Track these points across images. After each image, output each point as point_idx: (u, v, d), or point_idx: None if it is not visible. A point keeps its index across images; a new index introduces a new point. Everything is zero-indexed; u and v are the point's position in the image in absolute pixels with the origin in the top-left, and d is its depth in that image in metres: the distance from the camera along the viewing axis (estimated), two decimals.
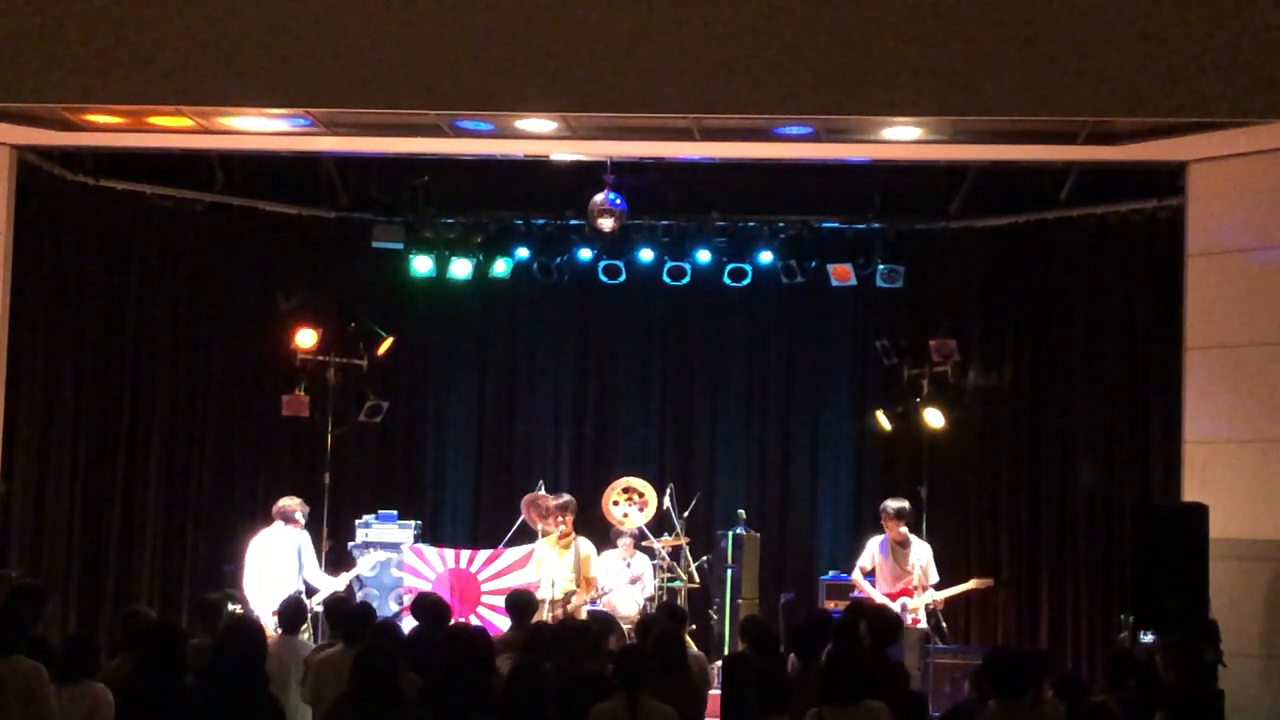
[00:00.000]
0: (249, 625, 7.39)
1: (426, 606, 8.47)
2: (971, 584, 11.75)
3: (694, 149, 11.03)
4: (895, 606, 11.26)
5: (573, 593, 11.18)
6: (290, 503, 11.06)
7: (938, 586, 11.54)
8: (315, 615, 10.83)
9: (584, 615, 10.86)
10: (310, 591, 10.85)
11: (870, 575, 11.63)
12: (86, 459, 12.32)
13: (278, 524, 10.94)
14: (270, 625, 9.45)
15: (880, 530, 11.69)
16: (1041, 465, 12.69)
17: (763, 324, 14.09)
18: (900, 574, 11.47)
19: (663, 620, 8.56)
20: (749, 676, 7.53)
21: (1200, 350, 10.65)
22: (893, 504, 11.61)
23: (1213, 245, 10.63)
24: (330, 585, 10.96)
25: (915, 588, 11.39)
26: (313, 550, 11.20)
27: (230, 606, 9.74)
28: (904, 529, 11.53)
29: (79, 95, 9.86)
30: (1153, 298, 11.79)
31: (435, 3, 9.53)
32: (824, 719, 6.51)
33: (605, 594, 11.48)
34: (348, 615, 8.11)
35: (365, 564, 11.68)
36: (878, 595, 11.42)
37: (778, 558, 13.51)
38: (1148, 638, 9.87)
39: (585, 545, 11.48)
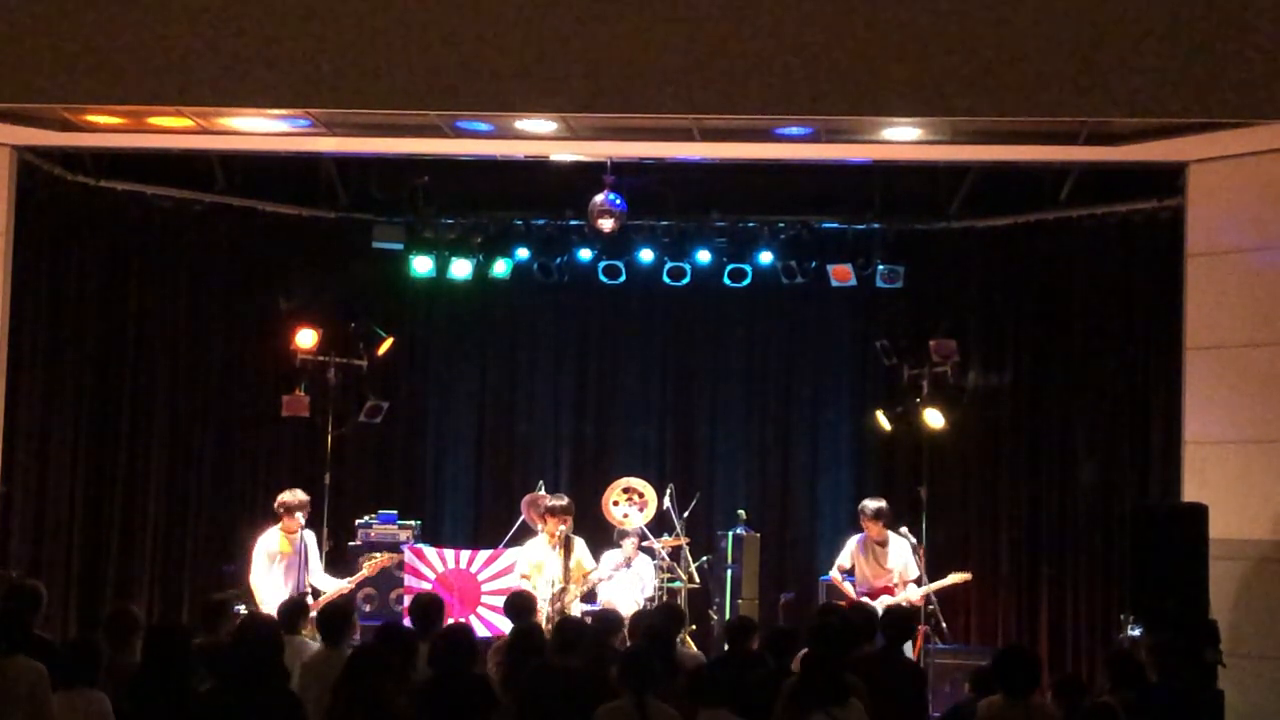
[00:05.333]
0: (263, 622, 7.37)
1: (420, 607, 8.46)
2: (951, 579, 11.75)
3: (694, 149, 11.02)
4: (876, 605, 11.28)
5: (564, 589, 11.17)
6: (294, 497, 10.99)
7: (919, 582, 11.55)
8: None
9: (576, 610, 10.87)
10: (316, 593, 10.83)
11: (849, 574, 11.67)
12: (86, 459, 12.32)
13: (285, 520, 10.89)
14: None
15: (859, 529, 11.72)
16: (1041, 465, 12.69)
17: (763, 324, 14.08)
18: (879, 573, 11.51)
19: (657, 621, 8.57)
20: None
21: (1200, 350, 10.65)
22: (871, 504, 11.66)
23: (1213, 245, 10.63)
24: (333, 586, 10.95)
25: (895, 585, 11.41)
26: (318, 550, 11.17)
27: (237, 608, 9.74)
28: (883, 528, 11.54)
29: (79, 95, 9.85)
30: (1153, 298, 11.78)
31: (436, 3, 9.53)
32: (834, 718, 6.56)
33: (598, 582, 11.47)
34: (329, 617, 8.10)
35: (371, 567, 11.57)
36: (856, 594, 11.46)
37: (778, 558, 13.51)
38: (1135, 632, 9.90)
39: (578, 544, 11.48)
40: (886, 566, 11.48)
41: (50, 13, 9.56)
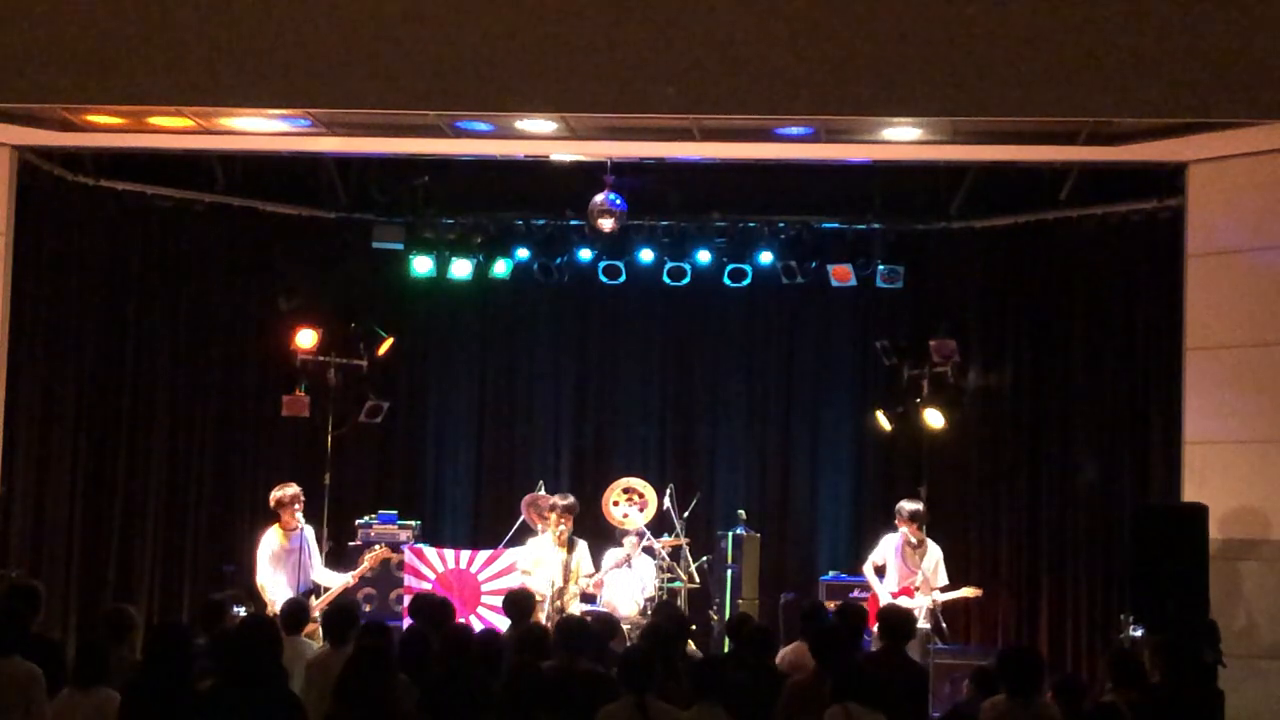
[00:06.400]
0: (261, 622, 7.37)
1: (424, 607, 8.46)
2: (965, 592, 11.75)
3: (694, 149, 11.02)
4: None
5: (563, 589, 11.16)
6: (284, 491, 10.93)
7: (944, 590, 11.56)
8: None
9: (575, 610, 10.86)
10: (319, 589, 10.81)
11: (880, 572, 11.68)
12: (86, 459, 12.32)
13: (282, 516, 10.86)
14: None
15: (891, 528, 11.72)
16: (1041, 466, 12.68)
17: (763, 324, 14.08)
18: (908, 574, 11.50)
19: (660, 623, 8.57)
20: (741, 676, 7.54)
21: (1200, 350, 10.65)
22: (909, 506, 11.64)
23: (1213, 245, 10.64)
24: (336, 581, 10.95)
25: (916, 588, 11.41)
26: (316, 545, 11.15)
27: (236, 609, 9.73)
28: (919, 530, 11.54)
29: (79, 95, 9.86)
30: (1153, 298, 11.78)
31: (435, 3, 9.53)
32: (849, 714, 6.56)
33: (597, 585, 11.48)
34: (333, 616, 8.09)
35: (373, 559, 11.54)
36: (884, 593, 11.47)
37: (778, 558, 13.50)
38: (1137, 632, 9.90)
39: (581, 546, 11.48)
40: (919, 569, 11.48)
41: (50, 13, 9.56)
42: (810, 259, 13.25)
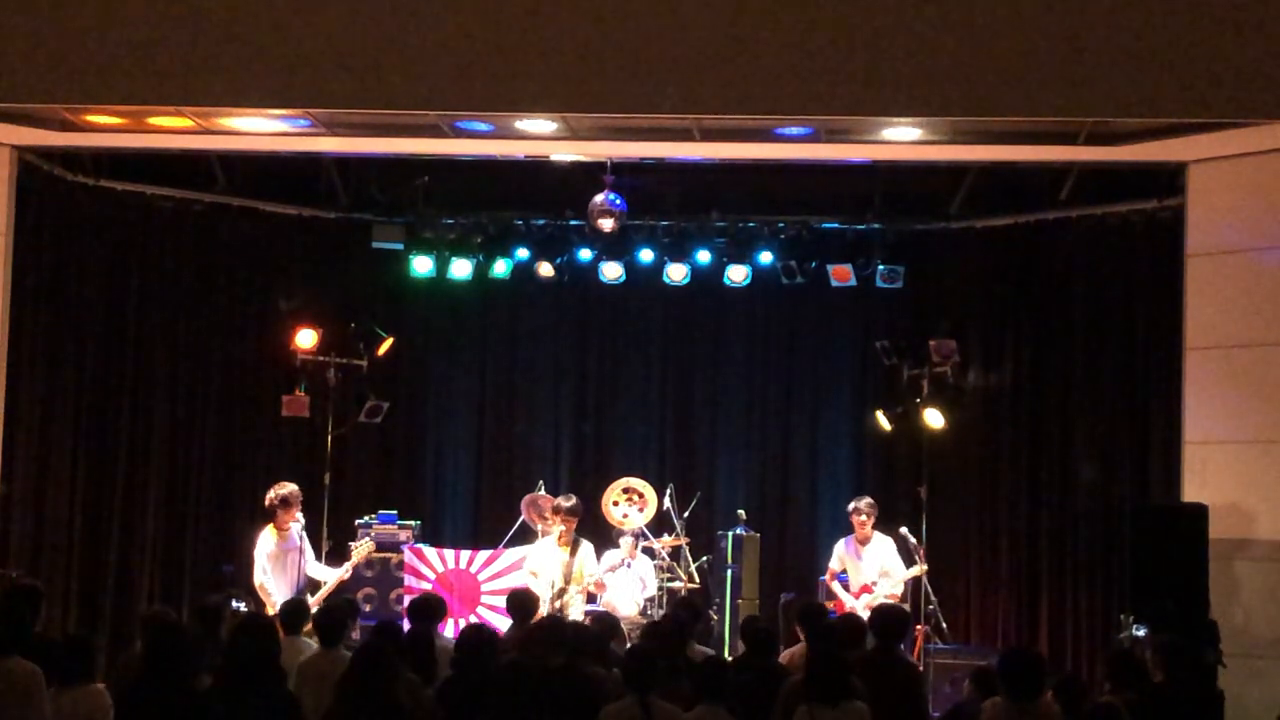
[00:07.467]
0: (259, 621, 7.38)
1: (420, 607, 8.46)
2: (914, 571, 11.74)
3: (694, 149, 11.03)
4: (860, 604, 11.31)
5: (564, 590, 11.15)
6: (285, 489, 10.91)
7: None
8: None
9: (574, 612, 10.85)
10: (315, 585, 10.80)
11: (842, 576, 11.75)
12: (86, 459, 12.32)
13: (280, 515, 10.82)
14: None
15: (872, 533, 11.76)
16: (1041, 465, 12.69)
17: (763, 324, 14.08)
18: (865, 571, 11.58)
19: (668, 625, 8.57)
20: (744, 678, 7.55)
21: (1200, 350, 10.65)
22: (861, 502, 11.73)
23: (1213, 245, 10.64)
24: (330, 575, 10.92)
25: (873, 584, 11.46)
26: (308, 541, 11.13)
27: (235, 605, 9.71)
28: (869, 527, 11.60)
29: (79, 95, 9.86)
30: (1153, 298, 11.79)
31: (435, 3, 9.53)
32: (814, 717, 6.55)
33: (599, 587, 11.47)
34: (323, 618, 8.09)
35: (360, 551, 11.52)
36: (846, 597, 11.52)
37: (778, 558, 13.51)
38: (1140, 631, 9.91)
39: (586, 547, 11.46)
40: (864, 565, 11.55)
41: (50, 13, 9.57)
42: (810, 259, 13.26)
